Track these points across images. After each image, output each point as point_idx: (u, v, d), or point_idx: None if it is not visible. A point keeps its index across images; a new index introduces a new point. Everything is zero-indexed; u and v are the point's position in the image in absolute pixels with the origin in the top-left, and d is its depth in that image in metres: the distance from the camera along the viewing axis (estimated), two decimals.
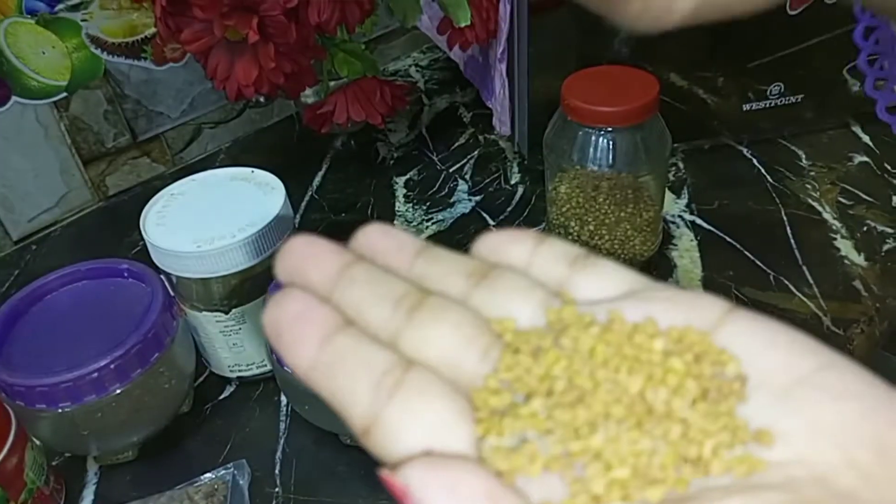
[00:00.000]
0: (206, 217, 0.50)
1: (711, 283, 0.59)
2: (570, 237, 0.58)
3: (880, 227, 0.62)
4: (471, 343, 0.20)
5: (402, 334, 0.20)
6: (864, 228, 0.63)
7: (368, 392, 0.19)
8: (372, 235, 0.23)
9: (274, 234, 0.49)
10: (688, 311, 0.20)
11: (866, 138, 0.72)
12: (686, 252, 0.62)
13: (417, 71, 0.94)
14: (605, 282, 0.22)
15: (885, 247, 0.61)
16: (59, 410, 0.45)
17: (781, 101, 0.71)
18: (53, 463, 0.50)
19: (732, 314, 0.20)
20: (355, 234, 0.24)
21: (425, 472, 0.17)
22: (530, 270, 0.22)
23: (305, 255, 0.22)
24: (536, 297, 0.21)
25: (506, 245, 0.23)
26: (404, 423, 0.18)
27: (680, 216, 0.65)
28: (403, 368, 0.19)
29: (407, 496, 0.17)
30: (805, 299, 0.57)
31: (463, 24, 0.66)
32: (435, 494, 0.17)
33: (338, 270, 0.22)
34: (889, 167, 0.69)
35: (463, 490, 0.17)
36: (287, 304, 0.21)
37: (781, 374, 0.18)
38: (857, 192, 0.66)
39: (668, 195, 0.66)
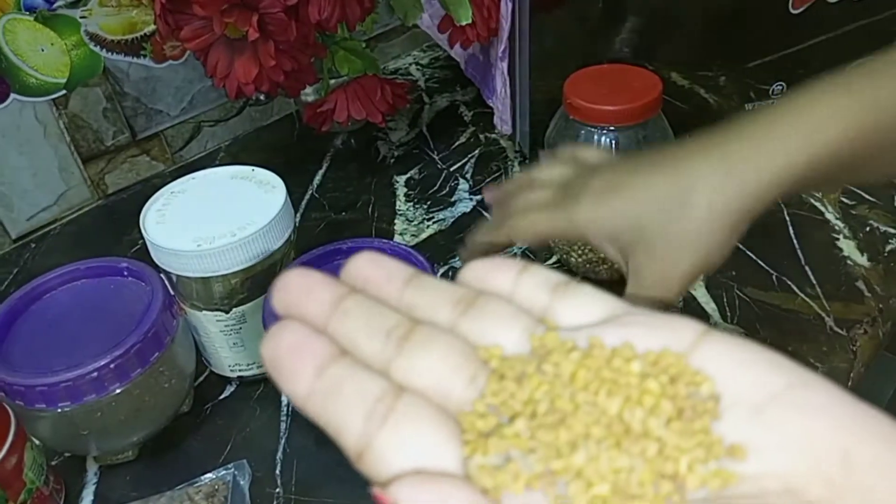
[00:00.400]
0: (207, 216, 0.50)
1: (714, 284, 0.59)
2: None
3: (883, 228, 0.62)
4: (458, 370, 0.21)
5: (394, 363, 0.21)
6: (867, 229, 0.62)
7: (361, 419, 0.20)
8: (362, 265, 0.24)
9: (275, 233, 0.49)
10: (664, 334, 0.21)
11: None
12: None
13: (418, 69, 0.93)
14: (585, 307, 0.23)
15: (888, 247, 0.61)
16: (59, 410, 0.45)
17: None
18: (53, 463, 0.50)
19: (707, 336, 0.21)
20: (346, 264, 0.24)
21: (414, 487, 0.18)
22: (514, 297, 0.23)
23: (301, 288, 0.23)
24: (521, 323, 0.22)
25: (490, 273, 0.24)
26: (395, 447, 0.19)
27: None
28: (394, 396, 0.20)
29: None
30: (808, 300, 0.57)
31: (464, 23, 0.66)
32: None
33: (332, 303, 0.23)
34: None
35: None
36: (284, 337, 0.22)
37: (754, 391, 0.19)
38: (859, 192, 0.66)
39: None
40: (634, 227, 0.38)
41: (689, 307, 0.57)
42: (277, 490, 0.49)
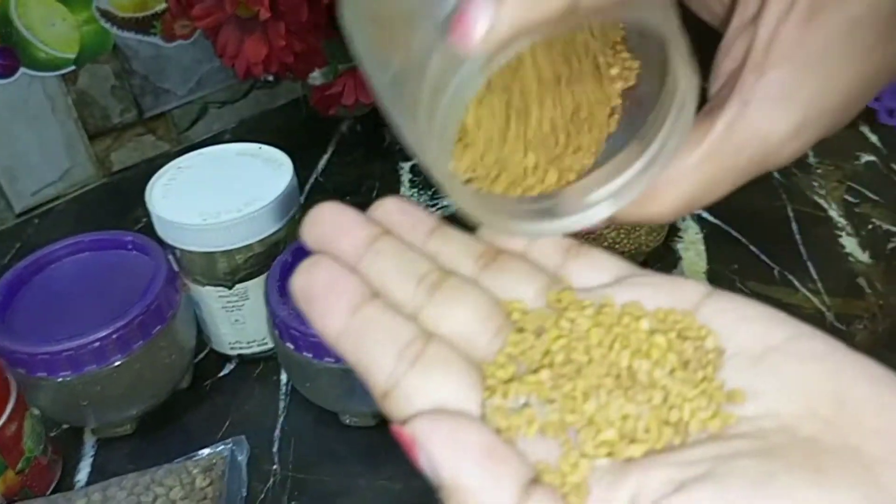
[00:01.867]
0: (213, 191, 0.50)
1: (716, 277, 0.59)
2: None
3: (885, 226, 0.62)
4: (485, 322, 0.22)
5: (424, 310, 0.22)
6: (870, 226, 0.62)
7: (392, 360, 0.21)
8: (390, 208, 0.25)
9: (280, 210, 0.49)
10: (671, 294, 0.22)
11: (874, 138, 0.72)
12: (692, 245, 0.62)
13: None
14: (595, 269, 0.24)
15: (890, 245, 0.61)
16: (59, 379, 0.45)
17: None
18: (51, 434, 0.50)
19: (712, 296, 0.22)
20: (373, 205, 0.25)
21: (430, 424, 0.19)
22: (528, 257, 0.25)
23: (335, 224, 0.23)
24: (539, 281, 0.23)
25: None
26: (422, 389, 0.20)
27: None
28: (425, 340, 0.21)
29: (413, 446, 0.19)
30: (809, 294, 0.57)
31: None
32: (437, 444, 0.19)
33: (365, 242, 0.23)
34: (894, 166, 0.68)
35: (463, 441, 0.19)
36: (318, 273, 0.22)
37: (755, 343, 0.20)
38: (863, 190, 0.66)
39: None
40: None
41: None
42: (275, 467, 0.49)
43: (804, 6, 0.23)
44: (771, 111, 0.24)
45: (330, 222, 0.24)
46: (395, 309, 0.22)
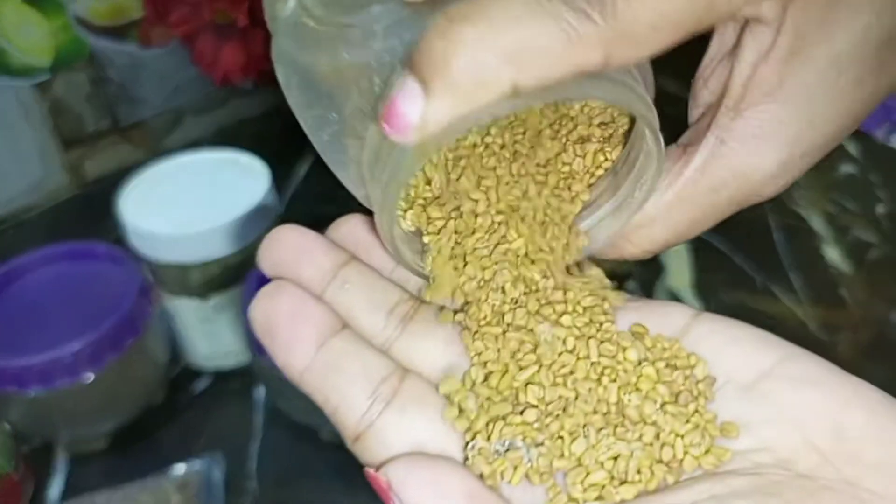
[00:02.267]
0: (187, 201, 0.49)
1: (700, 287, 0.59)
2: None
3: (866, 236, 0.62)
4: (463, 356, 0.21)
5: (396, 343, 0.21)
6: (851, 237, 0.63)
7: (365, 399, 0.19)
8: (353, 228, 0.23)
9: (257, 220, 0.48)
10: (657, 319, 0.21)
11: (854, 149, 0.72)
12: (676, 255, 0.62)
13: None
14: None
15: (871, 255, 0.61)
16: (31, 394, 0.44)
17: None
18: (22, 450, 0.49)
19: (698, 318, 0.21)
20: (335, 223, 0.24)
21: (408, 469, 0.18)
22: None
23: (296, 249, 0.22)
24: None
25: None
26: (398, 430, 0.19)
27: None
28: (400, 377, 0.20)
29: (389, 492, 0.17)
30: (791, 305, 0.57)
31: None
32: (416, 491, 0.17)
33: (330, 270, 0.22)
34: (875, 178, 0.69)
35: (444, 489, 0.17)
36: (281, 300, 0.20)
37: (746, 369, 0.19)
38: (843, 201, 0.66)
39: None
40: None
41: None
42: (252, 484, 0.48)
43: (785, 45, 0.21)
44: (751, 150, 0.22)
45: (290, 247, 0.22)
46: (365, 342, 0.20)
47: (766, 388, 0.19)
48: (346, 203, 0.73)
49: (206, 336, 0.51)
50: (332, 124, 0.21)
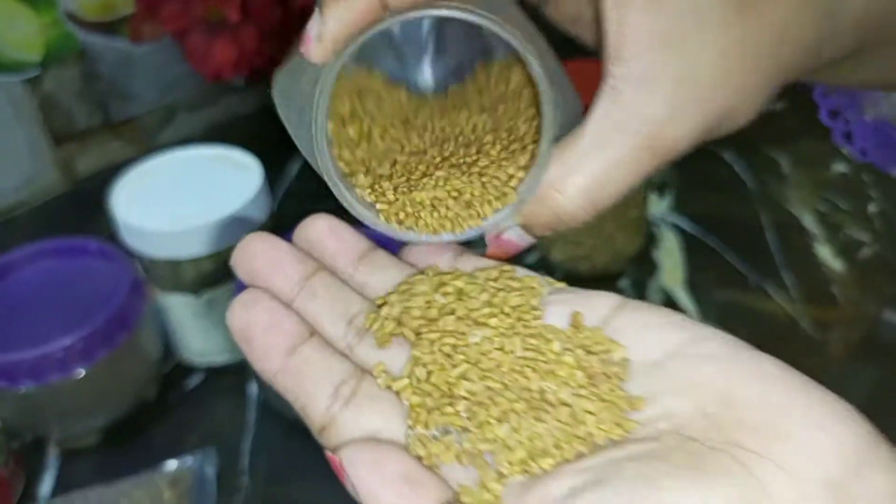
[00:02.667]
0: (179, 197, 0.49)
1: (693, 285, 0.59)
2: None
3: (857, 235, 0.63)
4: (408, 360, 0.24)
5: (355, 349, 0.24)
6: (842, 235, 0.63)
7: (328, 398, 0.22)
8: (320, 229, 0.26)
9: (249, 216, 0.48)
10: (584, 309, 0.23)
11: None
12: (669, 253, 0.62)
13: None
14: None
15: (862, 254, 0.61)
16: (22, 390, 0.44)
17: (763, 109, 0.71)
18: (13, 446, 0.48)
19: (623, 307, 0.23)
20: (303, 223, 0.26)
21: (355, 452, 0.21)
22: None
23: (267, 259, 0.25)
24: None
25: (429, 258, 0.26)
26: (356, 423, 0.22)
27: (663, 218, 0.65)
28: (358, 379, 0.23)
29: (342, 470, 0.21)
30: (783, 303, 0.57)
31: None
32: (360, 470, 0.20)
33: (298, 281, 0.25)
34: (867, 177, 0.69)
35: (383, 467, 0.20)
36: (258, 313, 0.23)
37: (656, 350, 0.22)
38: (835, 199, 0.67)
39: (653, 198, 0.66)
40: None
41: (667, 307, 0.57)
42: (245, 479, 0.48)
43: None
44: (640, 92, 0.24)
45: (262, 257, 0.25)
46: (329, 348, 0.24)
47: (672, 365, 0.21)
48: (337, 200, 0.73)
49: (199, 332, 0.51)
50: (299, 110, 0.26)
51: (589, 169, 0.25)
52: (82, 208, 0.72)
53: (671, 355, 0.21)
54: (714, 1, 0.24)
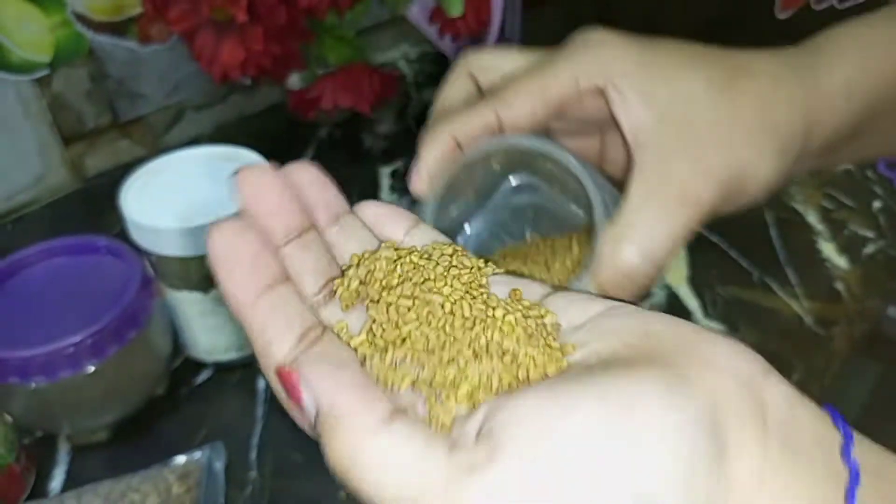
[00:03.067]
0: (188, 195, 0.49)
1: (697, 282, 0.59)
2: None
3: (862, 232, 0.63)
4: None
5: (323, 309, 0.26)
6: (846, 232, 0.63)
7: (292, 341, 0.23)
8: (306, 180, 0.27)
9: None
10: (524, 287, 0.27)
11: None
12: None
13: (406, 64, 0.93)
14: None
15: (866, 250, 0.61)
16: (33, 386, 0.44)
17: None
18: (24, 442, 0.49)
19: (553, 291, 0.27)
20: (293, 165, 0.27)
21: (314, 363, 0.22)
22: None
23: (272, 200, 0.25)
24: None
25: (385, 219, 0.29)
26: (316, 364, 0.23)
27: None
28: (321, 331, 0.24)
29: (297, 384, 0.22)
30: (787, 299, 0.57)
31: (455, 14, 0.66)
32: (318, 378, 0.22)
33: (297, 230, 0.26)
34: (871, 174, 0.69)
35: (340, 376, 0.22)
36: (243, 244, 0.24)
37: (582, 315, 0.25)
38: (840, 197, 0.67)
39: None
40: (658, 82, 0.33)
41: (672, 304, 0.57)
42: (253, 475, 0.48)
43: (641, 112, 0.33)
44: (662, 164, 0.32)
45: (268, 194, 0.25)
46: (301, 296, 0.25)
47: (596, 322, 0.24)
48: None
49: (207, 329, 0.52)
50: None
51: (635, 230, 0.31)
52: (91, 207, 0.72)
53: (593, 318, 0.25)
54: (702, 86, 0.32)
